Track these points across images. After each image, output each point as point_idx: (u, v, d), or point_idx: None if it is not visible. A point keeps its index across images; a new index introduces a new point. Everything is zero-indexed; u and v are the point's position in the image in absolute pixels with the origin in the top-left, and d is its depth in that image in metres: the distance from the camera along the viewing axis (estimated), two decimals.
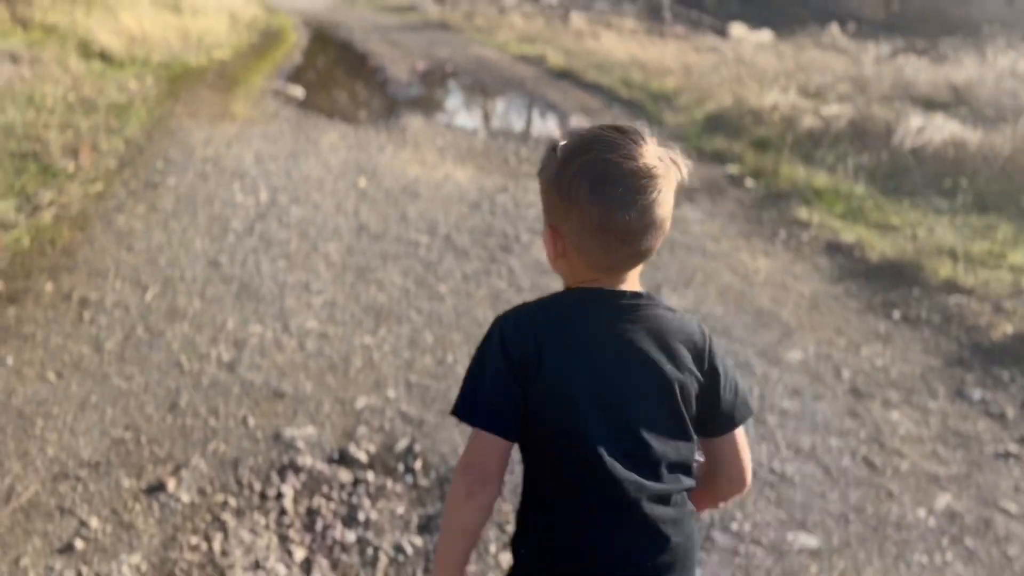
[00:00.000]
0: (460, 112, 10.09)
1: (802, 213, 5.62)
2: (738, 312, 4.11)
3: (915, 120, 7.34)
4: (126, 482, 2.59)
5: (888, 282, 4.50)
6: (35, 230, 4.51)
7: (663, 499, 1.15)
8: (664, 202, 1.16)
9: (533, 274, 4.48)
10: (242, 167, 6.08)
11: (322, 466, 2.74)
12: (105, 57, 10.21)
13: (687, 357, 1.18)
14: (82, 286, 3.91)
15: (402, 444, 2.88)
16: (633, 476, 1.12)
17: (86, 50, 10.37)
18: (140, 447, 2.77)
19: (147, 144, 6.52)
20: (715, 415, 1.23)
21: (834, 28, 21.18)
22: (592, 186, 1.14)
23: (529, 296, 3.66)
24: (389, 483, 2.69)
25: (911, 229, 5.25)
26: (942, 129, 6.99)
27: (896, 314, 4.14)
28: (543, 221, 1.26)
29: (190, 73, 10.31)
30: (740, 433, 1.27)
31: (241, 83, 10.16)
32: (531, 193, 6.13)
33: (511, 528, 2.08)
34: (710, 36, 19.06)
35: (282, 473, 2.70)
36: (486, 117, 9.89)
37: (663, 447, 1.16)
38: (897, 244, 4.97)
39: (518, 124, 9.43)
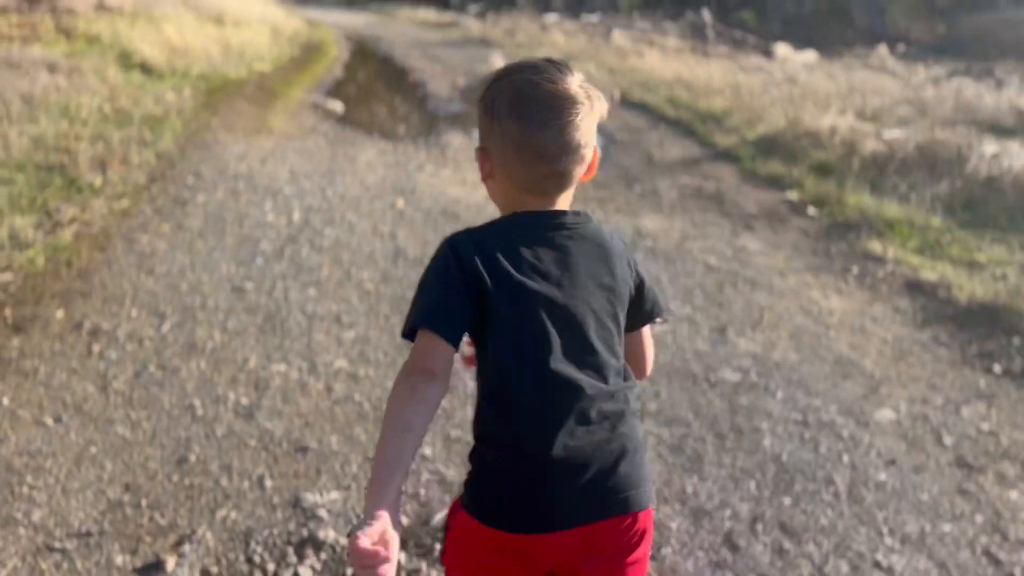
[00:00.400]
0: None
1: (875, 246, 5.12)
2: (815, 360, 3.64)
3: (988, 146, 6.80)
4: (119, 559, 2.20)
5: (982, 329, 3.99)
6: (52, 249, 4.19)
7: (610, 396, 1.21)
8: (582, 128, 1.22)
9: None
10: (276, 185, 5.74)
11: (347, 541, 2.33)
12: (145, 68, 10.01)
13: (623, 266, 1.29)
14: (95, 314, 3.56)
15: (439, 517, 2.47)
16: (583, 376, 1.19)
17: (126, 61, 10.19)
18: (139, 513, 2.38)
19: (179, 158, 6.21)
20: (636, 313, 1.33)
21: (882, 49, 20.56)
22: (513, 102, 1.23)
23: None
24: (424, 567, 2.28)
25: (999, 268, 4.73)
26: (1020, 157, 6.45)
27: (997, 367, 3.64)
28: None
29: (229, 85, 10.07)
30: (647, 329, 1.39)
31: (280, 96, 9.89)
32: None
33: None
34: (754, 56, 18.56)
35: (300, 549, 2.29)
36: None
37: (608, 350, 1.24)
38: (987, 285, 4.46)
39: None
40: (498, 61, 13.23)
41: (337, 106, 9.35)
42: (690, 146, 8.60)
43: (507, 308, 1.18)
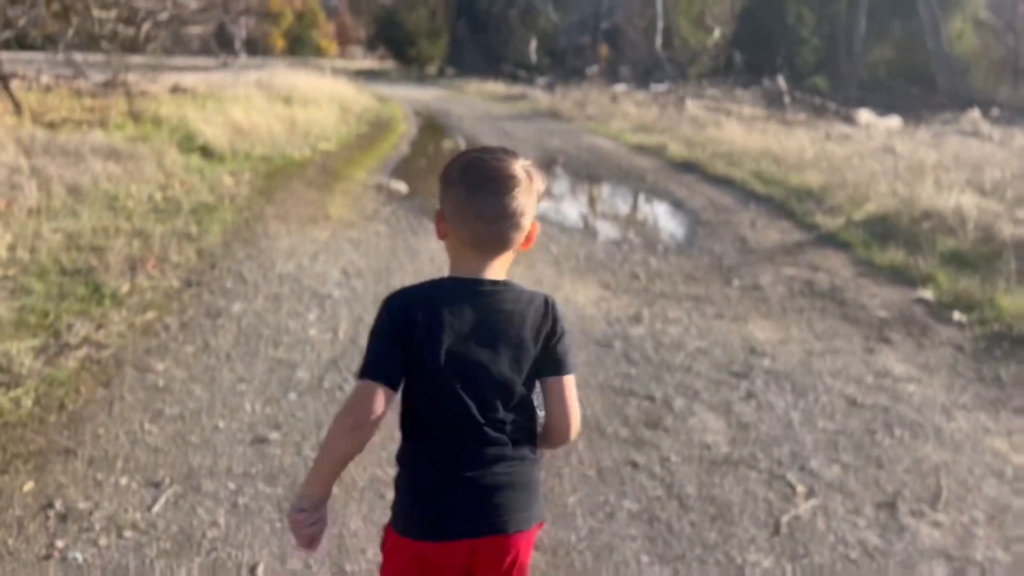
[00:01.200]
0: (575, 211, 8.86)
1: None
2: None
3: None
4: None
5: None
6: (48, 383, 3.43)
7: (502, 444, 1.42)
8: (519, 199, 1.43)
9: (697, 469, 3.07)
10: (324, 288, 4.97)
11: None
12: (206, 151, 9.57)
13: (527, 328, 1.44)
14: (73, 486, 2.74)
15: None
16: (482, 425, 1.41)
17: (188, 144, 9.78)
18: None
19: (222, 255, 5.52)
20: (550, 363, 1.47)
21: (974, 113, 19.23)
22: (463, 173, 1.46)
23: (704, 526, 2.28)
24: None
25: None
26: None
27: None
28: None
29: (291, 167, 9.53)
30: (569, 382, 1.49)
31: (342, 178, 9.30)
32: (674, 324, 4.76)
33: None
34: (836, 123, 17.48)
35: None
36: (605, 217, 8.63)
37: (505, 405, 1.43)
38: None
39: (643, 226, 8.11)
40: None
41: (401, 187, 8.67)
42: (788, 229, 7.59)
43: (424, 361, 1.39)
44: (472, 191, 1.43)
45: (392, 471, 1.71)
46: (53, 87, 14.49)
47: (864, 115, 19.23)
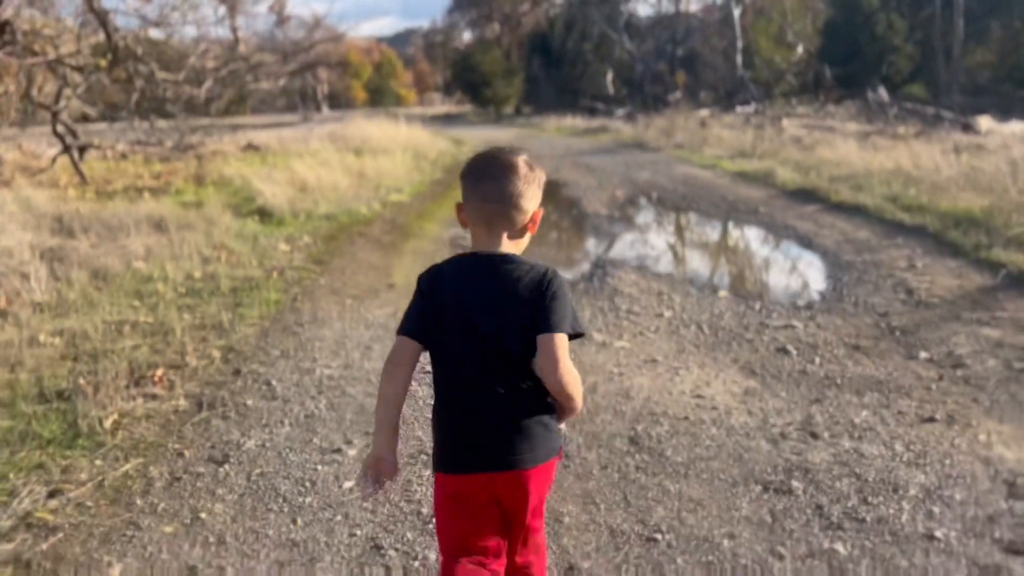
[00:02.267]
0: (683, 257, 7.33)
1: None
2: None
3: None
4: None
5: None
6: None
7: (506, 392, 1.61)
8: (519, 186, 1.63)
9: None
10: (372, 403, 3.65)
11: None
12: (264, 213, 8.52)
13: (525, 293, 1.60)
14: None
15: None
16: (489, 377, 1.61)
17: (245, 207, 8.77)
18: None
19: (252, 355, 4.27)
20: (540, 321, 1.59)
21: None
22: (471, 165, 1.71)
23: None
24: None
25: None
26: None
27: None
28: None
29: (356, 224, 8.38)
30: (549, 341, 1.58)
31: (413, 234, 8.07)
32: (867, 438, 3.21)
33: None
34: (953, 132, 15.39)
35: None
36: (720, 263, 7.07)
37: (510, 359, 1.61)
38: None
39: (771, 275, 6.52)
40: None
41: None
42: (962, 269, 5.88)
43: (441, 323, 1.62)
44: (477, 179, 1.67)
45: None
46: (129, 155, 13.98)
47: (985, 122, 17.02)
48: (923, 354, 4.21)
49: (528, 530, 1.72)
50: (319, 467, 3.01)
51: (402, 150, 14.33)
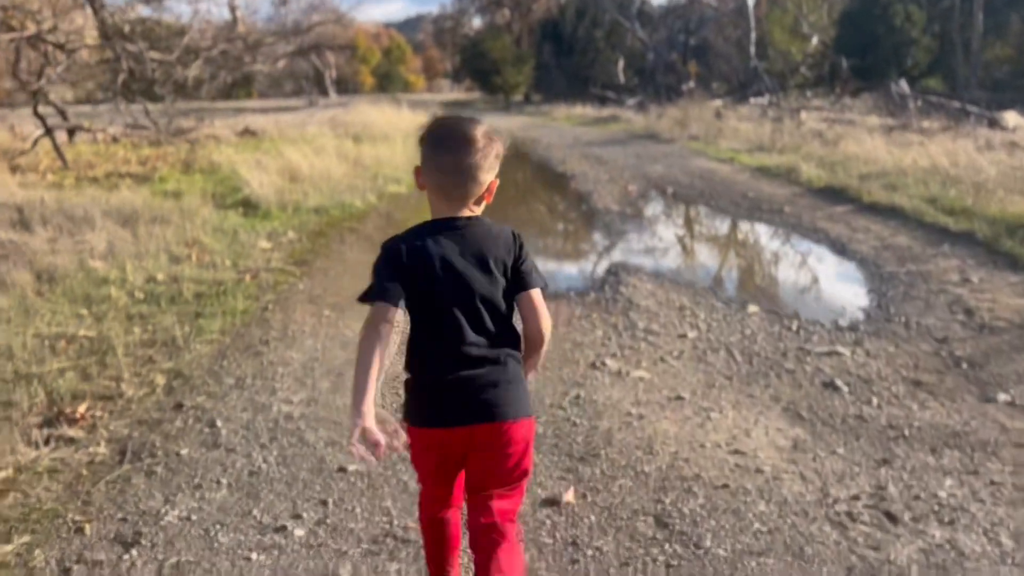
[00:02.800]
0: (705, 263, 6.56)
1: None
2: None
3: None
4: None
5: None
6: None
7: (486, 346, 1.65)
8: (475, 159, 1.63)
9: None
10: (338, 455, 2.92)
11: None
12: (249, 205, 7.79)
13: (498, 253, 1.66)
14: None
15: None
16: (467, 331, 1.64)
17: (231, 198, 8.04)
18: None
19: (198, 386, 3.54)
20: (517, 281, 1.69)
21: None
22: (430, 133, 1.70)
23: None
24: None
25: None
26: None
27: None
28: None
29: (348, 218, 7.65)
30: (536, 296, 1.70)
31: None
32: (962, 524, 2.48)
33: None
34: (980, 128, 14.54)
35: None
36: (747, 271, 6.29)
37: (488, 313, 1.65)
38: None
39: (805, 288, 5.74)
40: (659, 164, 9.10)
41: None
42: None
43: (418, 285, 1.62)
44: (435, 149, 1.66)
45: None
46: (121, 139, 13.26)
47: (1012, 118, 16.14)
48: (1002, 396, 3.46)
49: (517, 475, 1.74)
50: (254, 554, 2.29)
51: (404, 137, 13.57)
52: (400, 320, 1.60)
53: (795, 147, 11.93)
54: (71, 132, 13.07)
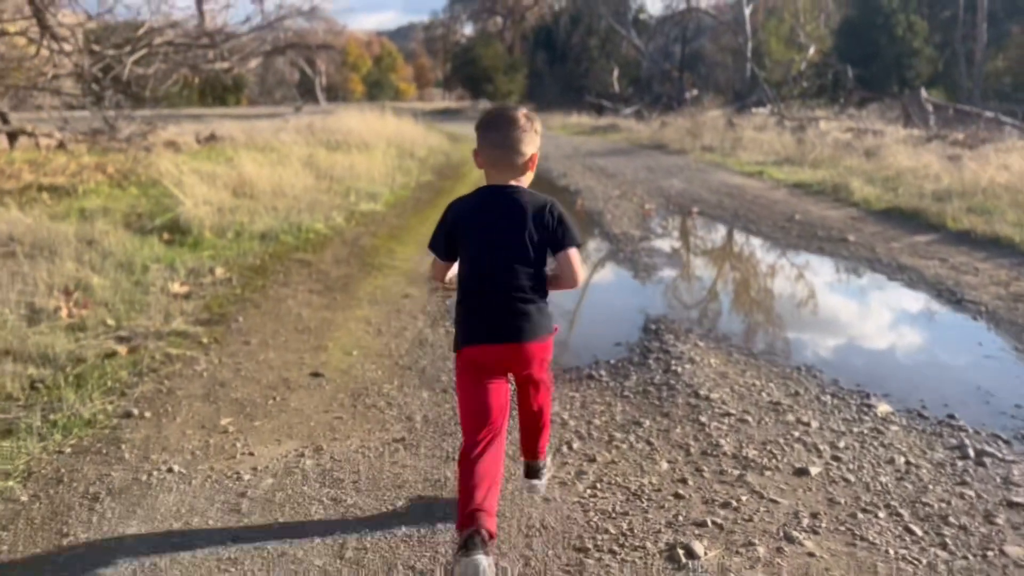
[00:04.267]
0: (774, 318, 4.68)
1: None
2: None
3: None
4: None
5: None
6: None
7: (516, 287, 1.96)
8: (518, 135, 1.97)
9: None
10: None
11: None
12: (178, 230, 5.97)
13: (533, 215, 1.95)
14: None
15: None
16: (501, 276, 1.96)
17: (161, 219, 6.21)
18: None
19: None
20: (553, 242, 1.98)
21: None
22: (483, 120, 2.07)
23: None
24: None
25: None
26: None
27: None
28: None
29: (303, 247, 5.84)
30: (571, 254, 1.99)
31: (377, 266, 5.51)
32: None
33: None
34: (1017, 139, 12.86)
35: None
36: (842, 337, 4.39)
37: (521, 263, 1.96)
38: None
39: (930, 358, 3.90)
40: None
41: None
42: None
43: (464, 238, 1.99)
44: (486, 129, 2.02)
45: None
46: (69, 145, 11.38)
47: None
48: None
49: (539, 382, 2.14)
50: None
51: (387, 145, 11.77)
52: (447, 268, 2.10)
53: (831, 160, 10.20)
54: (12, 137, 11.21)
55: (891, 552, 2.10)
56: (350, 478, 2.44)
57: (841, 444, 2.74)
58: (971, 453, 2.68)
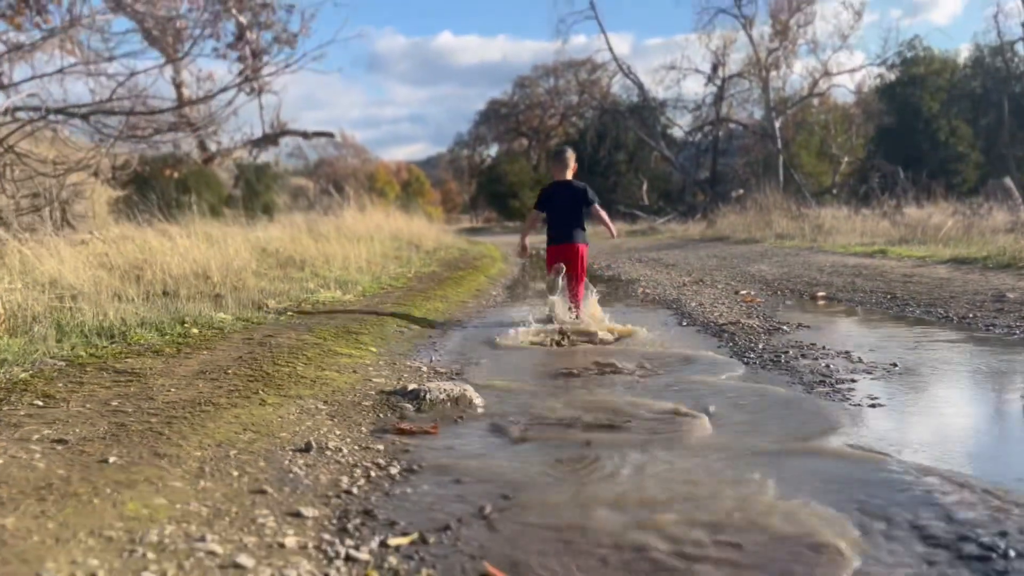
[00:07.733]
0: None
1: None
2: None
3: None
4: None
5: None
6: None
7: (573, 227, 4.56)
8: (567, 158, 4.69)
9: None
10: None
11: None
12: None
13: (577, 192, 4.54)
14: None
15: None
16: (566, 221, 4.56)
17: None
18: None
19: None
20: (587, 202, 4.54)
21: None
22: (552, 153, 5.79)
23: None
24: None
25: None
26: None
27: None
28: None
29: (160, 346, 2.96)
30: (596, 207, 4.59)
31: (266, 380, 2.59)
32: None
33: None
34: None
35: None
36: None
37: (574, 218, 4.56)
38: None
39: None
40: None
41: (477, 402, 1.90)
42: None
43: (548, 206, 4.65)
44: (554, 156, 4.89)
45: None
46: None
47: None
48: None
49: (579, 274, 4.48)
50: None
51: (389, 238, 9.13)
52: (540, 216, 4.73)
53: (966, 238, 7.29)
54: None
55: None
56: None
57: None
58: None
